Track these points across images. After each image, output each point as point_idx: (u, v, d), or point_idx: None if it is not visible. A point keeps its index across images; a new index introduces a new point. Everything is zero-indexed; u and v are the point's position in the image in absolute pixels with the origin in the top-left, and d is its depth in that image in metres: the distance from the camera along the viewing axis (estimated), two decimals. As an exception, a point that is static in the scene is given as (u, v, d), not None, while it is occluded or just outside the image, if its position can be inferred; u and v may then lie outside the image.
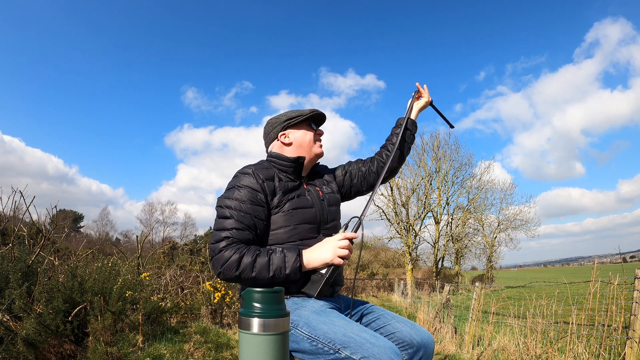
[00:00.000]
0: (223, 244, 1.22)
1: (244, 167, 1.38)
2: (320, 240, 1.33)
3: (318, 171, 1.58)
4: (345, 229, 1.34)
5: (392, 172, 1.66)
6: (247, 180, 1.32)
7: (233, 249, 1.21)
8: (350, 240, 1.29)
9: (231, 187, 1.33)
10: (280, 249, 1.25)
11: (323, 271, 1.26)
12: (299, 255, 1.24)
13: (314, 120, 1.52)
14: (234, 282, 1.24)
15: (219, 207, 1.31)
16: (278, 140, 1.48)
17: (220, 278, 1.24)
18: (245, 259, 1.19)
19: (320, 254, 1.26)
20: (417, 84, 1.73)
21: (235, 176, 1.37)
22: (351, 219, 1.36)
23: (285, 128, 1.47)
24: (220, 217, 1.29)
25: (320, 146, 1.51)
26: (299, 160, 1.41)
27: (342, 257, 1.25)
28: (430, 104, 1.75)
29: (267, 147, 1.54)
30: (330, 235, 1.35)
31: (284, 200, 1.34)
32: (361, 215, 1.35)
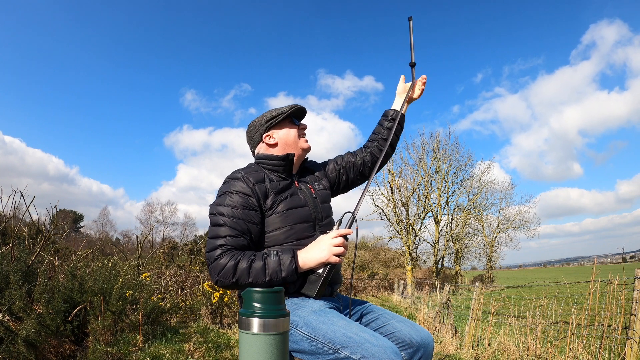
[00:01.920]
0: (218, 252, 1.22)
1: (233, 172, 1.37)
2: (317, 238, 1.33)
3: (308, 167, 1.58)
4: (339, 225, 1.33)
5: (384, 163, 1.66)
6: (237, 186, 1.31)
7: (228, 256, 1.21)
8: (345, 237, 1.28)
9: (222, 194, 1.32)
10: (275, 252, 1.24)
11: (320, 271, 1.26)
12: (294, 257, 1.23)
13: (295, 116, 1.51)
14: (232, 288, 1.24)
15: (211, 214, 1.30)
16: (263, 142, 1.47)
17: (218, 286, 1.23)
18: (241, 265, 1.19)
19: (316, 253, 1.25)
20: (421, 79, 1.66)
21: (225, 182, 1.35)
22: (344, 214, 1.34)
23: (268, 129, 1.46)
24: (213, 225, 1.28)
25: (306, 140, 1.51)
26: (288, 157, 1.41)
27: (337, 255, 1.24)
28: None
29: (252, 150, 1.53)
30: (326, 232, 1.34)
31: (277, 201, 1.33)
32: (354, 211, 1.33)
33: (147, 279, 4.54)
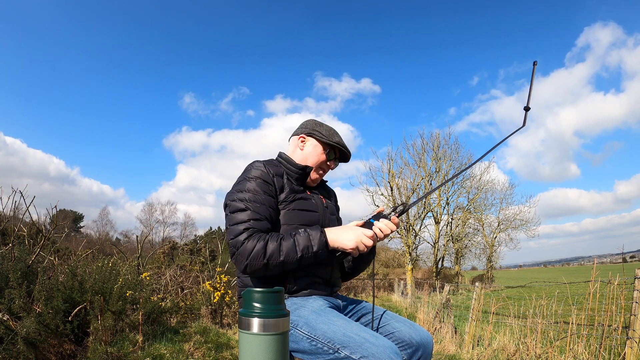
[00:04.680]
0: (244, 235, 1.20)
1: (255, 161, 1.40)
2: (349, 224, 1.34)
3: (324, 185, 1.60)
4: (392, 211, 1.30)
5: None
6: (258, 172, 1.33)
7: (255, 238, 1.20)
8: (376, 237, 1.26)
9: (242, 180, 1.33)
10: (303, 229, 1.25)
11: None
12: (323, 232, 1.24)
13: (334, 150, 1.49)
14: (262, 272, 1.21)
15: (231, 201, 1.29)
16: (298, 138, 1.50)
17: (246, 272, 1.21)
18: (271, 245, 1.19)
19: (344, 238, 1.23)
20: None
21: (246, 169, 1.38)
22: (398, 205, 1.31)
23: (310, 135, 1.48)
24: (234, 211, 1.27)
25: (320, 174, 1.49)
26: (305, 170, 1.42)
27: (357, 249, 1.23)
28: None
29: (290, 137, 1.56)
30: None
31: (290, 198, 1.35)
32: (409, 204, 1.32)
33: (147, 279, 4.54)
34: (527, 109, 1.42)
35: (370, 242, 1.24)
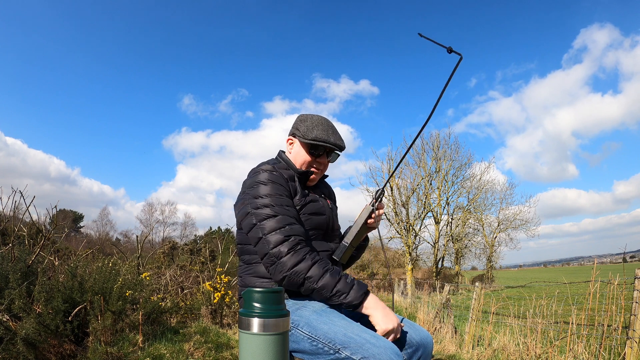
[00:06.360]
0: (287, 246, 1.14)
1: (265, 164, 1.34)
2: (322, 246, 1.35)
3: (325, 183, 1.59)
4: (377, 199, 1.35)
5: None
6: (273, 176, 1.27)
7: (300, 253, 1.15)
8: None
9: (256, 185, 1.26)
10: (352, 277, 1.20)
11: (348, 241, 1.33)
12: (366, 294, 1.17)
13: (317, 146, 1.39)
14: (295, 288, 1.17)
15: (255, 209, 1.21)
16: (287, 140, 1.47)
17: (281, 284, 1.16)
18: (316, 269, 1.14)
19: (382, 318, 1.15)
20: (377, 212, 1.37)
21: (256, 172, 1.30)
22: (378, 190, 1.37)
23: (294, 135, 1.43)
24: (263, 219, 1.18)
25: (316, 174, 1.42)
26: (307, 174, 1.40)
27: (388, 335, 1.15)
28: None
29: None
30: (334, 241, 1.41)
31: (301, 202, 1.33)
32: (383, 187, 1.37)
33: (147, 278, 4.54)
34: (450, 50, 1.27)
35: (398, 335, 1.17)
